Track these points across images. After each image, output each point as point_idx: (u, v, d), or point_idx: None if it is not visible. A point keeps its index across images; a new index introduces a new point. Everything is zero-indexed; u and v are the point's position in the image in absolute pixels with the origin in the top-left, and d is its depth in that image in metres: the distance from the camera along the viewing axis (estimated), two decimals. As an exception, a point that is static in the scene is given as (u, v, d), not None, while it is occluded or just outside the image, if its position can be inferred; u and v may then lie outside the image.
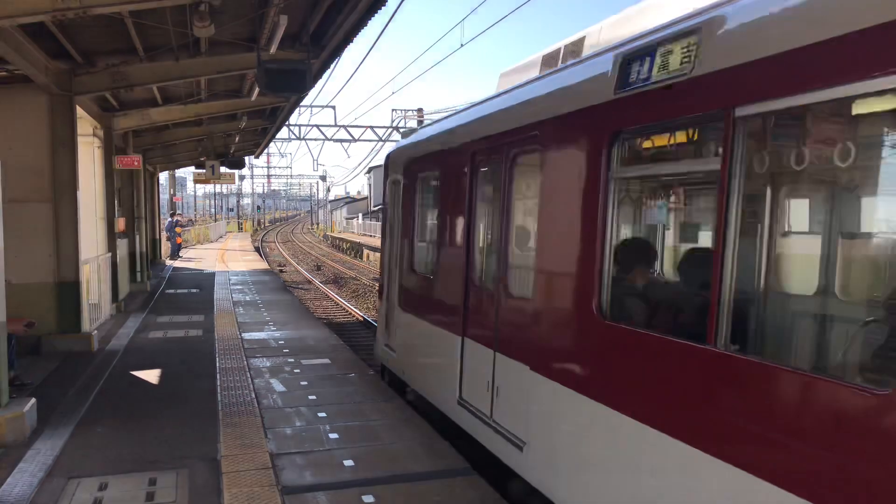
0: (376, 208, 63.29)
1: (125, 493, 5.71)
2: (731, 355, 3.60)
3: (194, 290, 19.71)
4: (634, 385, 4.29)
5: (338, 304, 21.88)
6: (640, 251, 5.48)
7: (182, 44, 11.00)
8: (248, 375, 9.64)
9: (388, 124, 40.74)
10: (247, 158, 34.06)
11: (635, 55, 4.48)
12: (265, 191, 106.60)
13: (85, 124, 14.11)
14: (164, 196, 43.07)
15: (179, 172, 48.30)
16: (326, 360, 10.70)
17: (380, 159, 37.15)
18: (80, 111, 12.09)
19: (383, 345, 9.93)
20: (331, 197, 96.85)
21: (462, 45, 16.99)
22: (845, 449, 2.97)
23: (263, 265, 30.05)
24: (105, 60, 11.56)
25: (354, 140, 40.62)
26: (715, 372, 3.67)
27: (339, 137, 40.74)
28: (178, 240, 33.84)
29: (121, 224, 17.32)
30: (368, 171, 68.93)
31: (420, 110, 40.25)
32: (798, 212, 4.42)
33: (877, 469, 2.84)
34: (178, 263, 29.70)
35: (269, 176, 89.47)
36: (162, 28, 10.09)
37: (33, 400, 7.37)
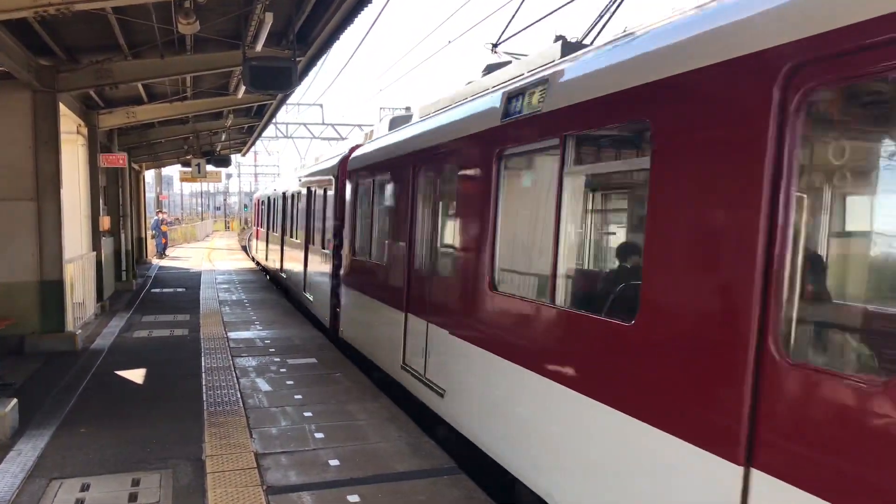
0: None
1: (108, 493, 5.66)
2: None
3: (180, 290, 19.59)
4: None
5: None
6: None
7: (167, 41, 10.92)
8: (234, 375, 9.58)
9: (375, 123, 40.57)
10: (233, 157, 33.91)
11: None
12: (252, 189, 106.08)
13: (69, 122, 13.98)
14: (150, 195, 42.75)
15: (166, 171, 48.02)
16: (313, 360, 10.66)
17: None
18: (63, 109, 11.98)
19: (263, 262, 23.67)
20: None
21: (450, 42, 16.99)
22: None
23: (250, 264, 29.91)
24: (89, 57, 11.46)
25: (342, 138, 40.47)
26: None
27: (326, 136, 40.63)
28: (164, 239, 33.64)
29: (106, 223, 17.17)
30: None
31: (408, 109, 40.12)
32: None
33: None
34: (164, 262, 29.54)
35: (256, 174, 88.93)
36: (146, 25, 10.01)
37: (15, 400, 7.28)
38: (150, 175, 38.75)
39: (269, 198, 25.12)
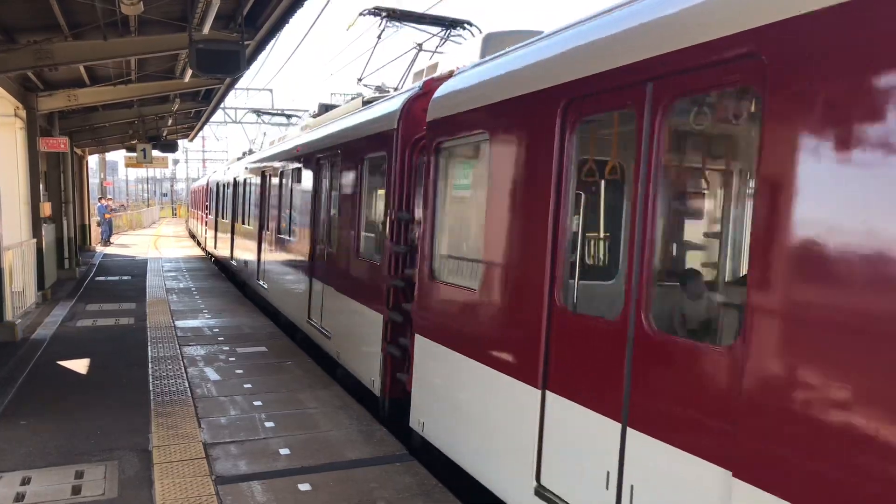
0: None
1: (50, 487, 5.51)
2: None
3: (126, 278, 19.14)
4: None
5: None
6: None
7: (110, 22, 10.59)
8: (182, 364, 9.42)
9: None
10: (180, 142, 33.20)
11: None
12: (200, 175, 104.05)
13: (6, 104, 13.49)
14: (94, 180, 41.60)
15: (110, 156, 46.84)
16: (263, 348, 10.55)
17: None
18: (0, 90, 11.55)
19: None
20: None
21: (397, 29, 16.86)
22: None
23: (198, 251, 29.40)
24: (27, 37, 11.06)
25: (292, 124, 39.86)
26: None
27: (276, 122, 39.94)
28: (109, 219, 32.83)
29: (46, 209, 16.65)
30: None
31: (360, 95, 39.73)
32: None
33: None
34: (109, 250, 28.83)
35: (204, 160, 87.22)
36: (88, 5, 9.70)
37: (-49, 392, 7.05)
38: (93, 160, 37.78)
39: (197, 188, 36.44)
